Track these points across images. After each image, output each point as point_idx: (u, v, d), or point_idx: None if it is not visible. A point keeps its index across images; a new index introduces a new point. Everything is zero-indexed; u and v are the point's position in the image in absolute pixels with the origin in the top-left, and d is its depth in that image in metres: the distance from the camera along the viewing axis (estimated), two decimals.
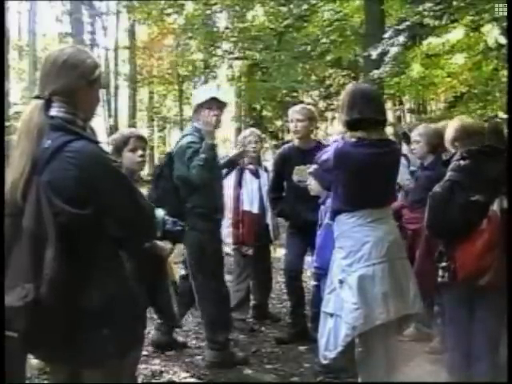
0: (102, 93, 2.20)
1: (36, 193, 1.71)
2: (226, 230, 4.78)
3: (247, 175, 4.83)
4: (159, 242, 3.13)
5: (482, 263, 2.70)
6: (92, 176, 1.74)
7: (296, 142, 4.44)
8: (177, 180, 3.49)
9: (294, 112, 4.36)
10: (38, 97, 1.85)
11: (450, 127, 3.24)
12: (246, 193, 4.78)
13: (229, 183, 4.89)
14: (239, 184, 4.81)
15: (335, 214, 3.02)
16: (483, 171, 2.83)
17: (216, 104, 3.80)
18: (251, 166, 4.84)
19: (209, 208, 3.81)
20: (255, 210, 4.81)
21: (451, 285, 2.85)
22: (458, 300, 2.86)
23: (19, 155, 1.76)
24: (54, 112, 1.82)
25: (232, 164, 4.57)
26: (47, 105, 1.81)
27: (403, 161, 4.34)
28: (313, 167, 3.70)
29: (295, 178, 4.24)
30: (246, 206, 4.77)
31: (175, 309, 3.49)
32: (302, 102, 15.53)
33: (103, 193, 1.77)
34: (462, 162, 2.91)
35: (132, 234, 1.93)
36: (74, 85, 1.86)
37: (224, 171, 4.45)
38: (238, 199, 4.78)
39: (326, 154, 3.06)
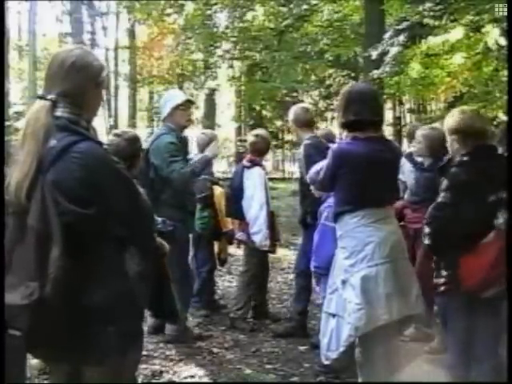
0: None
1: (41, 192, 1.72)
2: (265, 232, 4.60)
3: (263, 175, 4.80)
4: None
5: (488, 278, 2.65)
6: (96, 177, 1.76)
7: None
8: (156, 177, 3.99)
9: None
10: (42, 97, 1.85)
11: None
12: (267, 193, 4.77)
13: (256, 183, 4.66)
14: (265, 186, 4.73)
15: (338, 214, 3.01)
16: (485, 171, 2.79)
17: (188, 105, 4.30)
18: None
19: (181, 199, 4.08)
20: (270, 208, 4.81)
21: (453, 293, 2.81)
22: (459, 305, 2.83)
23: (25, 154, 1.77)
24: (58, 112, 1.83)
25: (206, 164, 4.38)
26: (53, 105, 1.82)
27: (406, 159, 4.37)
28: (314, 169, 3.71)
29: None
30: (269, 207, 4.75)
31: (177, 307, 3.50)
32: (302, 101, 15.56)
33: (107, 193, 1.79)
34: (464, 159, 2.85)
35: (134, 234, 1.95)
36: (82, 87, 1.88)
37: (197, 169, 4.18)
38: (267, 201, 4.70)
39: (319, 165, 3.09)
